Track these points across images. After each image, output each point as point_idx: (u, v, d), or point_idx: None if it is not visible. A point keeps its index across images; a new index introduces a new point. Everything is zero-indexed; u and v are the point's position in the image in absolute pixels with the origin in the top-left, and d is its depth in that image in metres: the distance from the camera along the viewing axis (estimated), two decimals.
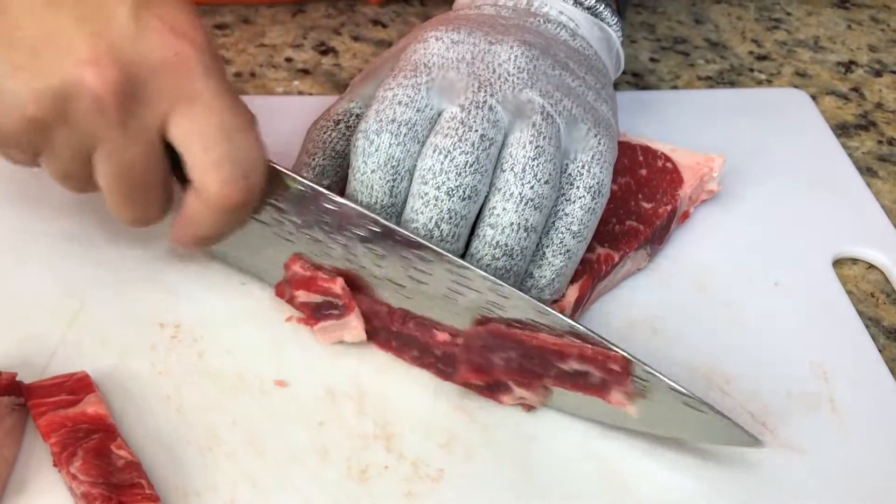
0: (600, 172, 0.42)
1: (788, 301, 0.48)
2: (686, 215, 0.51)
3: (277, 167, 0.41)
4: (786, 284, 0.49)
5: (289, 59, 0.63)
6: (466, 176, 0.39)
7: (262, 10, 0.67)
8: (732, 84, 0.65)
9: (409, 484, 0.39)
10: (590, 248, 0.45)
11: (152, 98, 0.37)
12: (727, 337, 0.46)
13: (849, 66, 0.68)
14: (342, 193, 0.42)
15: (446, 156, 0.39)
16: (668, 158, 0.50)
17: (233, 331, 0.44)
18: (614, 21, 0.50)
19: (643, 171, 0.50)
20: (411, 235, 0.40)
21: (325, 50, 0.65)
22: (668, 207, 0.48)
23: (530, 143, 0.40)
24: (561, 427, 0.41)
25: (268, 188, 0.41)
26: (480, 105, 0.40)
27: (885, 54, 0.70)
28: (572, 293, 0.43)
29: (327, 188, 0.41)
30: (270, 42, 0.65)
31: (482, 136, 0.40)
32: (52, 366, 0.41)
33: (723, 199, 0.53)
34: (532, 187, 0.40)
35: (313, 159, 0.44)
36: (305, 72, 0.62)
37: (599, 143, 0.42)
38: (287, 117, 0.55)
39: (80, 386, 0.40)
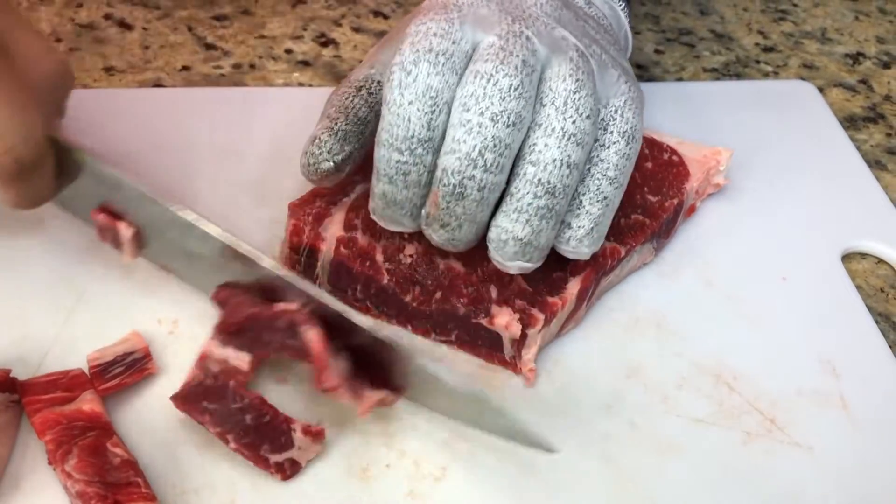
0: (633, 117, 0.41)
1: (797, 296, 0.47)
2: (692, 209, 0.50)
3: (60, 140, 0.40)
4: (794, 279, 0.48)
5: (289, 51, 0.62)
6: (511, 101, 0.38)
7: (261, 1, 0.66)
8: (738, 76, 0.64)
9: (412, 483, 0.38)
10: None
11: None
12: (734, 333, 0.45)
13: (856, 57, 0.67)
14: (363, 163, 0.42)
15: (489, 80, 0.38)
16: (674, 151, 0.50)
17: None
18: (621, 6, 0.49)
19: (649, 164, 0.49)
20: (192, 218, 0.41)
21: (325, 41, 0.64)
22: (675, 201, 0.47)
23: (570, 76, 0.39)
24: (570, 429, 0.40)
25: (64, 160, 0.41)
26: (518, 34, 0.39)
27: (894, 46, 0.69)
28: (574, 286, 0.42)
29: (349, 154, 0.42)
30: (270, 33, 0.64)
31: (524, 61, 0.38)
32: (47, 362, 0.41)
33: (729, 192, 0.52)
34: (574, 122, 0.39)
35: (335, 124, 0.43)
36: (306, 63, 0.61)
37: (630, 90, 0.42)
38: (287, 109, 0.54)
39: (75, 383, 0.39)
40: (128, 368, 0.40)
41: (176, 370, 0.41)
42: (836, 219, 0.52)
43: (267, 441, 0.37)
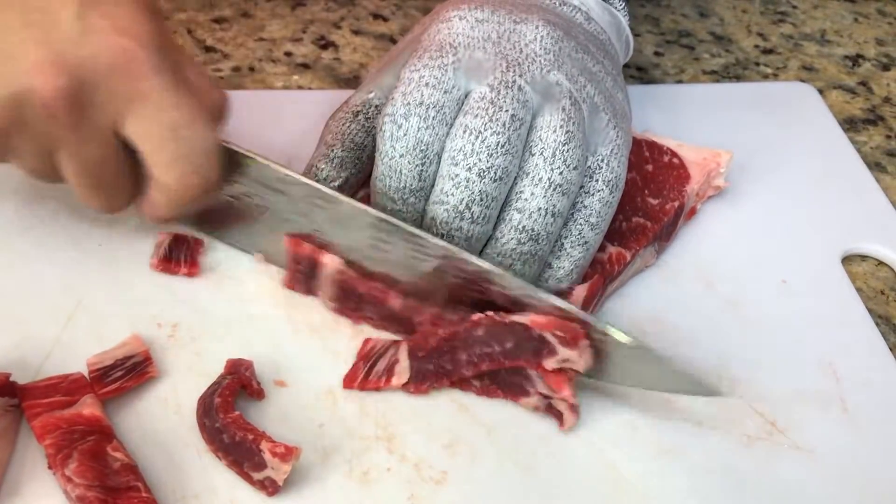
0: (618, 167, 0.42)
1: (797, 299, 0.47)
2: (693, 212, 0.50)
3: (232, 147, 0.41)
4: (794, 282, 0.48)
5: (288, 54, 0.62)
6: (498, 157, 0.39)
7: (261, 3, 0.66)
8: (738, 78, 0.64)
9: (412, 486, 0.38)
10: (600, 248, 0.44)
11: (102, 100, 0.37)
12: (735, 335, 0.45)
13: (856, 59, 0.67)
14: (361, 185, 0.43)
15: (477, 136, 0.39)
16: (674, 154, 0.50)
17: (231, 331, 0.43)
18: (622, 6, 0.49)
19: (649, 167, 0.49)
20: (362, 206, 0.40)
21: (324, 44, 0.64)
22: (676, 204, 0.47)
23: (560, 127, 0.40)
24: (569, 433, 0.40)
25: (227, 169, 0.42)
26: (510, 85, 0.40)
27: (893, 48, 0.69)
28: (581, 292, 0.42)
29: (345, 180, 0.42)
30: (269, 36, 0.64)
31: (512, 116, 0.39)
32: (46, 366, 0.41)
33: (730, 195, 0.52)
34: (561, 173, 0.39)
35: (332, 150, 0.44)
36: (305, 66, 0.61)
37: (618, 136, 0.42)
38: (286, 112, 0.54)
39: (75, 387, 0.39)
40: (128, 372, 0.40)
41: (177, 374, 0.41)
42: (836, 221, 0.52)
43: (245, 460, 0.37)
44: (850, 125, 0.61)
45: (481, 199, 0.39)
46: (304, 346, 0.43)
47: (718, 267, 0.48)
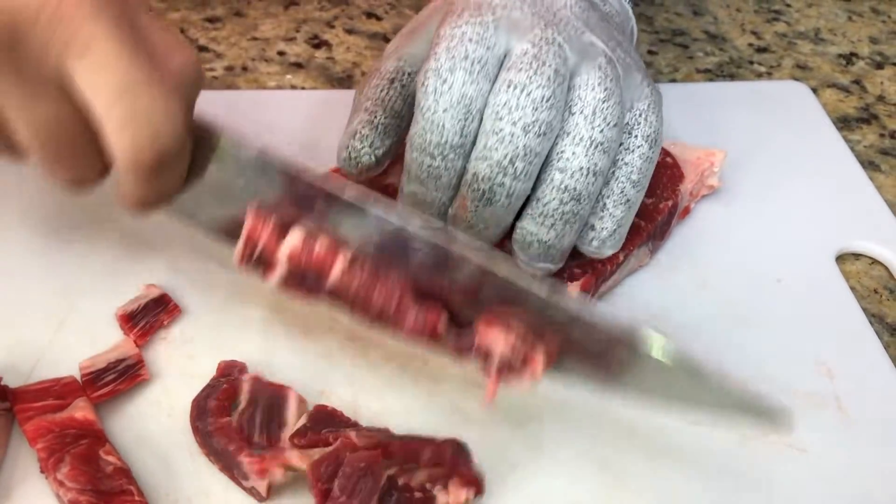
0: (656, 121, 0.42)
1: (791, 298, 0.47)
2: (686, 211, 0.50)
3: (208, 124, 0.37)
4: (788, 281, 0.48)
5: (281, 53, 0.62)
6: (542, 111, 0.38)
7: (254, 2, 0.66)
8: (732, 77, 0.64)
9: None
10: None
11: (39, 47, 0.33)
12: (729, 335, 0.45)
13: (850, 58, 0.67)
14: (398, 158, 0.41)
15: (522, 90, 0.38)
16: (667, 153, 0.50)
17: (224, 333, 0.43)
18: (628, 1, 0.50)
19: None
20: (346, 196, 0.37)
21: (318, 43, 0.64)
22: (669, 203, 0.47)
23: (599, 84, 0.40)
24: (563, 433, 0.40)
25: (205, 147, 0.37)
26: (551, 41, 0.40)
27: (887, 46, 0.69)
28: (572, 291, 0.42)
29: (388, 149, 0.41)
30: (262, 35, 0.63)
31: (556, 70, 0.39)
32: (38, 370, 0.40)
33: (723, 194, 0.52)
34: (602, 131, 0.39)
35: (374, 117, 0.43)
36: (298, 65, 0.61)
37: (652, 92, 0.43)
38: (279, 112, 0.54)
39: (67, 390, 0.39)
40: (120, 375, 0.40)
41: (169, 376, 0.41)
42: (829, 220, 0.52)
43: (233, 468, 0.37)
44: (843, 124, 0.61)
45: (525, 154, 0.39)
46: (298, 349, 0.43)
47: (712, 266, 0.48)
